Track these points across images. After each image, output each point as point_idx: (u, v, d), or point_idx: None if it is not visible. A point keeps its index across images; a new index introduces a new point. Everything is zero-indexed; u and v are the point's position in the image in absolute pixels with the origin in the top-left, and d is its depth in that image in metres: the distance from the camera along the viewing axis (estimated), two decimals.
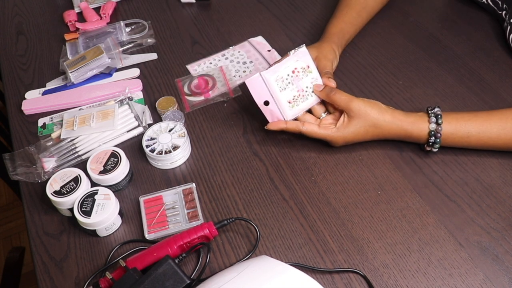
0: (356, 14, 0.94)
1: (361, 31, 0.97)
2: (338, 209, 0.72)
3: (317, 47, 0.86)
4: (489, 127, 0.72)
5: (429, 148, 0.75)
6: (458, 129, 0.73)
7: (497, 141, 0.73)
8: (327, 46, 0.87)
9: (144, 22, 1.07)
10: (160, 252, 0.66)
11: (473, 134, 0.73)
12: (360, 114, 0.74)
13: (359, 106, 0.74)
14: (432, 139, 0.73)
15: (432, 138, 0.73)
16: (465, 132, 0.73)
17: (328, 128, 0.77)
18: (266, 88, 0.76)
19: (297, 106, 0.79)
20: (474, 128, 0.73)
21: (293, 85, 0.78)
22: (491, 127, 0.72)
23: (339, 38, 0.90)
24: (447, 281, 0.64)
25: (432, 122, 0.73)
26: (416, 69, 0.90)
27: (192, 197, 0.75)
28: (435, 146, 0.74)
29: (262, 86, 0.76)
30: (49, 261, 0.71)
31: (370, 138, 0.77)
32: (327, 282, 0.65)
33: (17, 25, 1.12)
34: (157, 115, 0.88)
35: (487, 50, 0.91)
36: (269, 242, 0.70)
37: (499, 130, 0.72)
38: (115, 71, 0.96)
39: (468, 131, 0.73)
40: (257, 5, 1.09)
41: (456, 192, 0.72)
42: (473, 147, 0.75)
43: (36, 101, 0.93)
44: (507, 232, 0.67)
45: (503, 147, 0.74)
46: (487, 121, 0.73)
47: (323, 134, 0.76)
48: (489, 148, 0.75)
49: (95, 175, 0.76)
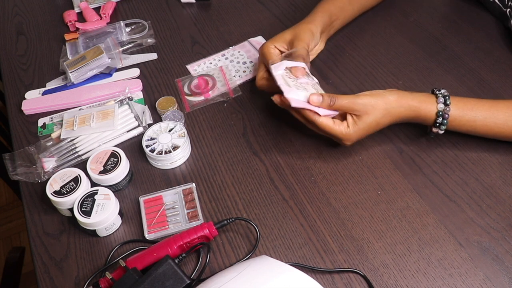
0: (348, 2, 0.93)
1: (361, 31, 0.97)
2: (338, 209, 0.72)
3: (292, 30, 0.85)
4: (495, 113, 0.72)
5: (435, 129, 0.74)
6: (465, 112, 0.72)
7: (502, 128, 0.72)
8: (303, 26, 0.85)
9: (144, 22, 1.07)
10: (160, 252, 0.66)
11: (479, 118, 0.72)
12: (367, 110, 0.72)
13: (364, 103, 0.72)
14: (440, 120, 0.72)
15: (440, 118, 0.72)
16: (471, 116, 0.72)
17: (342, 124, 0.73)
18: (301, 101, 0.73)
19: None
20: (481, 113, 0.72)
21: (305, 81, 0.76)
22: (497, 113, 0.72)
23: (323, 18, 0.88)
24: (447, 281, 0.64)
25: (440, 103, 0.72)
26: (416, 69, 0.90)
27: (192, 197, 0.75)
28: (442, 128, 0.73)
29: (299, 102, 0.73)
30: (49, 261, 0.71)
31: (382, 127, 0.75)
32: (327, 282, 0.65)
33: (17, 25, 1.12)
34: (157, 115, 0.88)
35: (487, 50, 0.91)
36: (269, 242, 0.70)
37: (505, 117, 0.72)
38: (115, 71, 0.96)
39: (475, 115, 0.72)
40: (257, 5, 1.09)
41: (456, 192, 0.72)
42: (478, 133, 0.74)
43: (36, 101, 0.93)
44: (507, 232, 0.67)
45: (508, 135, 0.73)
46: (494, 107, 0.72)
47: (337, 130, 0.72)
48: (494, 136, 0.74)
49: (95, 175, 0.76)
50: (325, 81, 0.90)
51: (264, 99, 0.87)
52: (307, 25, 0.85)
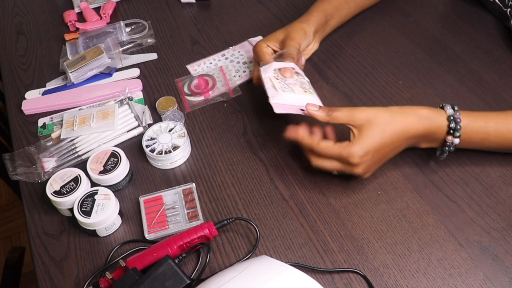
0: (344, 1, 0.93)
1: (361, 30, 0.97)
2: (338, 209, 0.72)
3: (285, 29, 0.85)
4: (506, 120, 0.70)
5: (450, 138, 0.69)
6: (476, 119, 0.69)
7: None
8: (297, 26, 0.85)
9: (144, 22, 1.07)
10: (160, 252, 0.66)
11: (491, 125, 0.69)
12: (369, 118, 0.67)
13: (364, 112, 0.68)
14: (453, 125, 0.68)
15: (453, 123, 0.68)
16: (483, 123, 0.69)
17: (343, 142, 0.68)
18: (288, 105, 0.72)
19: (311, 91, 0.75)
20: (492, 119, 0.70)
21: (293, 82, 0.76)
22: (508, 121, 0.70)
23: (318, 18, 0.88)
24: (447, 281, 0.64)
25: (448, 109, 0.69)
26: (416, 69, 0.90)
27: (192, 197, 0.75)
28: (456, 134, 0.68)
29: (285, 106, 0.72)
30: (49, 261, 0.71)
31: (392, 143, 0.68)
32: (327, 282, 0.65)
33: (17, 25, 1.12)
34: (157, 115, 0.88)
35: (487, 50, 0.91)
36: (269, 242, 0.70)
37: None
38: (115, 71, 0.96)
39: (486, 121, 0.70)
40: (257, 5, 1.09)
41: (456, 192, 0.72)
42: (491, 142, 0.71)
43: (36, 101, 0.93)
44: (507, 232, 0.67)
45: None
46: (504, 114, 0.71)
47: (338, 149, 0.67)
48: (508, 144, 0.71)
49: (95, 175, 0.76)
50: (325, 81, 0.90)
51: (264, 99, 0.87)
52: (300, 24, 0.86)
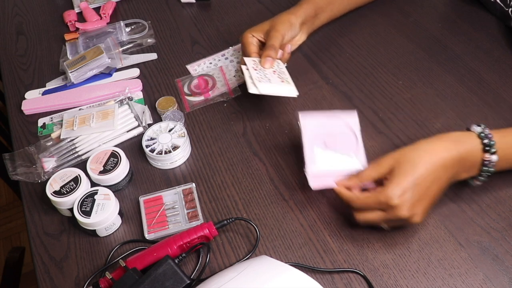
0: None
1: (361, 30, 0.97)
2: (338, 209, 0.72)
3: (271, 20, 0.86)
4: None
5: (487, 156, 0.64)
6: (506, 135, 0.66)
7: None
8: (283, 17, 0.86)
9: (144, 22, 1.07)
10: (160, 252, 0.66)
11: None
12: (398, 159, 0.63)
13: (390, 156, 0.65)
14: (486, 141, 0.64)
15: (486, 140, 0.64)
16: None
17: (378, 187, 0.64)
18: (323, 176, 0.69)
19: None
20: None
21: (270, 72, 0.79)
22: None
23: (306, 10, 0.88)
24: (447, 281, 0.64)
25: (475, 128, 0.66)
26: (416, 69, 0.90)
27: (192, 197, 0.75)
28: (492, 150, 0.64)
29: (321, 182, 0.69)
30: (49, 261, 0.71)
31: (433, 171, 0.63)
32: (327, 282, 0.65)
33: (17, 25, 1.12)
34: (157, 115, 0.88)
35: (487, 50, 0.91)
36: (269, 242, 0.70)
37: None
38: (115, 71, 0.96)
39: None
40: (257, 5, 1.09)
41: (456, 192, 0.72)
42: None
43: (36, 101, 0.93)
44: (507, 232, 0.67)
45: None
46: None
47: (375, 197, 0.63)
48: None
49: (95, 175, 0.76)
50: (325, 81, 0.90)
51: (264, 99, 0.87)
52: (287, 16, 0.87)
